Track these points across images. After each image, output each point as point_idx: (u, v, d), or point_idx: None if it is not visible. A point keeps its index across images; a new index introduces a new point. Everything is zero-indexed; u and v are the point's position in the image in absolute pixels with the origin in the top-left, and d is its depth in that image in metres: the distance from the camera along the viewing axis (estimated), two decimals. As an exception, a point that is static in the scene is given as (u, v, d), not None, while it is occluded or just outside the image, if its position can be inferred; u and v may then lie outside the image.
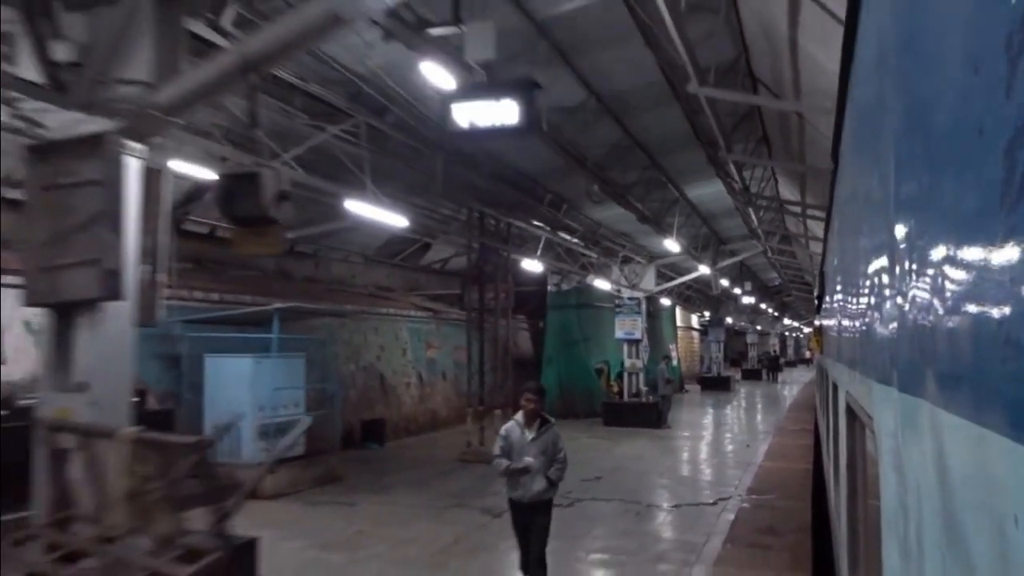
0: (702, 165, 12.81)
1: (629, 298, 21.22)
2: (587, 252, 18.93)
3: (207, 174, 9.36)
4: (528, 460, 6.18)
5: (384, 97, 8.56)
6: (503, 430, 6.49)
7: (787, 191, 15.36)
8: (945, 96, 0.84)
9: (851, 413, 2.88)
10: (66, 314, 5.41)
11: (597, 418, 21.22)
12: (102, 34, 5.26)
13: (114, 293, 5.22)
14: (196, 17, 5.77)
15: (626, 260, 21.15)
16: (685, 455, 17.32)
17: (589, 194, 12.32)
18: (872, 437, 1.89)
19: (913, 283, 1.04)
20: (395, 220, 10.51)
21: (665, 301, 28.30)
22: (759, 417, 25.69)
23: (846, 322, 3.12)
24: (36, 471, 5.33)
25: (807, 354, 64.16)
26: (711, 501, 11.26)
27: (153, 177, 5.63)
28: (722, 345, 39.27)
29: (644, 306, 21.58)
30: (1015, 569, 0.59)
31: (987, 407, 0.66)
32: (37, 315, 10.54)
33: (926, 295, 0.94)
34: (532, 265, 18.77)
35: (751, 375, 46.33)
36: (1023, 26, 0.55)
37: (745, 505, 10.90)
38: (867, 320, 1.93)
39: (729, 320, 42.12)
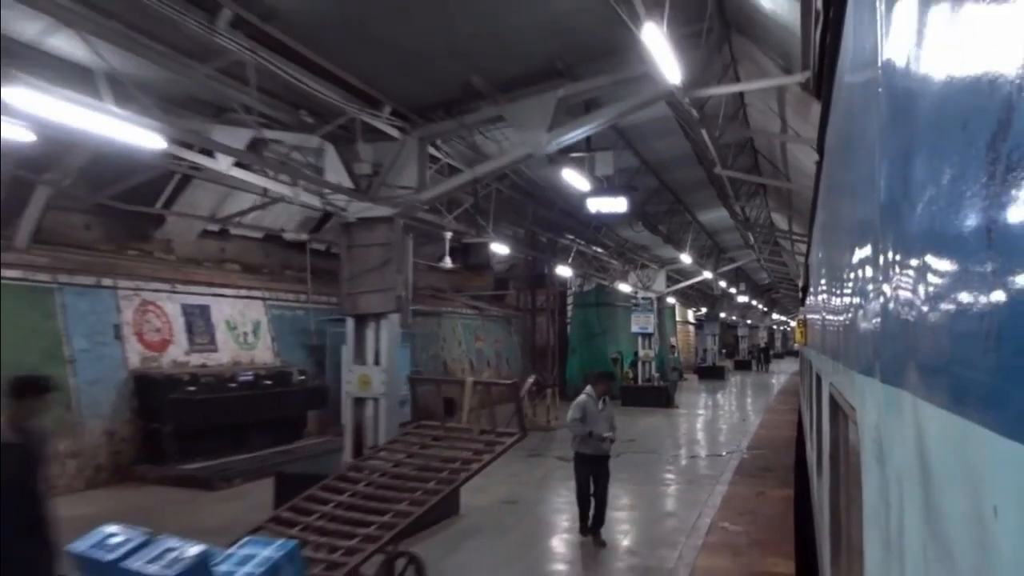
0: (713, 200, 16.74)
1: (643, 298, 25.15)
2: (612, 261, 22.87)
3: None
4: (607, 433, 8.42)
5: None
6: (579, 403, 8.55)
7: (778, 219, 19.35)
8: (929, 88, 0.83)
9: (834, 404, 2.85)
10: (362, 321, 9.27)
11: (615, 400, 25.14)
12: (385, 158, 9.08)
13: (397, 308, 9.08)
14: (439, 149, 9.64)
15: (642, 266, 25.09)
16: (696, 426, 21.30)
17: (631, 224, 16.22)
18: (855, 428, 1.84)
19: (896, 275, 1.04)
20: (503, 249, 14.41)
21: (669, 299, 32.26)
22: (750, 400, 29.74)
23: (830, 313, 3.06)
24: (346, 414, 9.23)
25: (795, 346, 68.11)
26: (722, 453, 15.23)
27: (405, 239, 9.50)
28: (717, 338, 43.28)
29: (656, 305, 25.54)
30: (994, 559, 0.58)
31: (969, 399, 0.66)
32: (235, 317, 14.43)
33: (909, 287, 0.94)
34: (564, 271, 22.66)
35: (742, 365, 50.31)
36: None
37: (746, 455, 14.85)
38: (851, 312, 1.89)
39: (722, 315, 46.19)
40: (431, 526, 8.53)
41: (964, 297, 0.67)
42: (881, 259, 1.18)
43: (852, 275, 1.81)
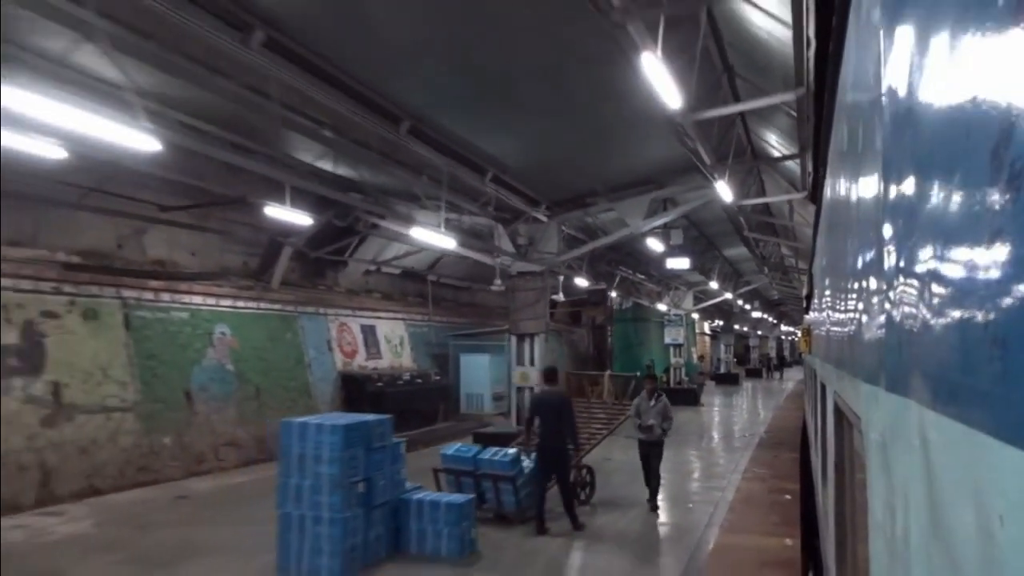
0: (737, 242, 21.86)
1: (675, 314, 30.27)
2: (653, 286, 28.02)
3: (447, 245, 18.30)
4: (651, 422, 10.41)
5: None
6: (635, 402, 10.92)
7: (786, 252, 24.47)
8: (933, 96, 0.83)
9: (839, 413, 2.83)
10: (522, 338, 14.43)
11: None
12: (535, 234, 14.24)
13: (544, 330, 14.23)
14: (568, 224, 14.84)
15: (675, 288, 30.23)
16: (722, 419, 26.37)
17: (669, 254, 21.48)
18: (860, 436, 1.83)
19: (901, 283, 1.03)
20: (583, 282, 19.60)
21: (693, 315, 37.35)
22: (761, 401, 34.72)
23: (835, 322, 3.05)
24: (525, 408, 14.36)
25: (802, 356, 73.09)
26: (745, 435, 20.30)
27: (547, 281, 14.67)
28: (731, 348, 48.29)
29: (685, 320, 30.66)
30: (1000, 568, 0.58)
31: (975, 407, 0.65)
32: (389, 333, 19.59)
33: (914, 295, 0.93)
34: (612, 293, 27.79)
35: (753, 373, 55.26)
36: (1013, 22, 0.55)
37: (765, 436, 19.91)
38: (856, 320, 1.88)
39: (736, 326, 51.23)
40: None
41: (969, 305, 0.66)
42: (886, 267, 1.17)
43: (856, 284, 1.78)
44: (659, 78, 6.43)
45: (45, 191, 11.65)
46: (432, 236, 12.08)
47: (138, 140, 6.14)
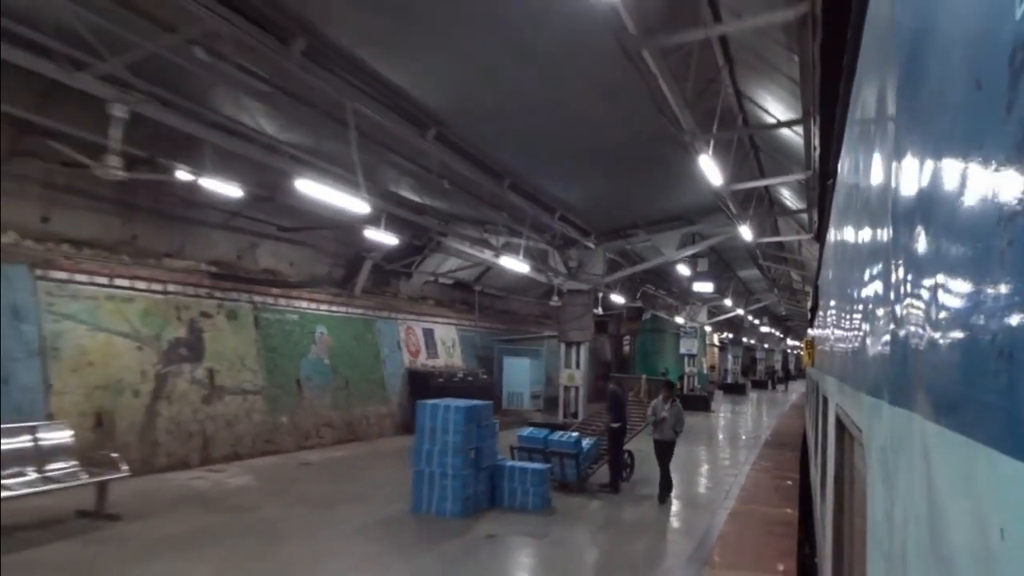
0: (751, 265, 24.60)
1: (690, 327, 32.99)
2: (671, 300, 30.77)
3: (522, 270, 21.08)
4: (663, 415, 11.97)
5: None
6: (653, 404, 12.52)
7: (794, 275, 27.21)
8: (942, 110, 0.84)
9: (840, 425, 2.84)
10: (569, 345, 17.22)
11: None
12: (584, 257, 16.99)
13: (590, 339, 16.99)
14: (610, 251, 17.65)
15: (691, 303, 32.99)
16: (731, 423, 29.09)
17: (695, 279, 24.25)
18: (861, 449, 1.83)
19: (906, 297, 1.04)
20: (620, 299, 22.42)
21: (706, 327, 40.05)
22: (766, 410, 37.40)
23: (838, 335, 3.07)
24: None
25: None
26: (753, 438, 23.03)
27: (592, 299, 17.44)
28: (739, 360, 50.93)
29: (699, 332, 33.38)
30: None
31: (979, 420, 0.65)
32: (444, 336, 22.44)
33: (918, 309, 0.94)
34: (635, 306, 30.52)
35: (758, 384, 57.91)
36: None
37: (770, 438, 22.61)
38: (859, 333, 1.88)
39: (744, 339, 53.89)
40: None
41: (975, 319, 0.66)
42: (891, 280, 1.18)
43: (861, 297, 1.78)
44: (709, 169, 9.24)
45: (196, 213, 14.46)
46: (513, 262, 14.90)
47: (358, 205, 9.01)
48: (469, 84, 8.86)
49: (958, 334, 0.73)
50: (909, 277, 1.01)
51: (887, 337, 1.23)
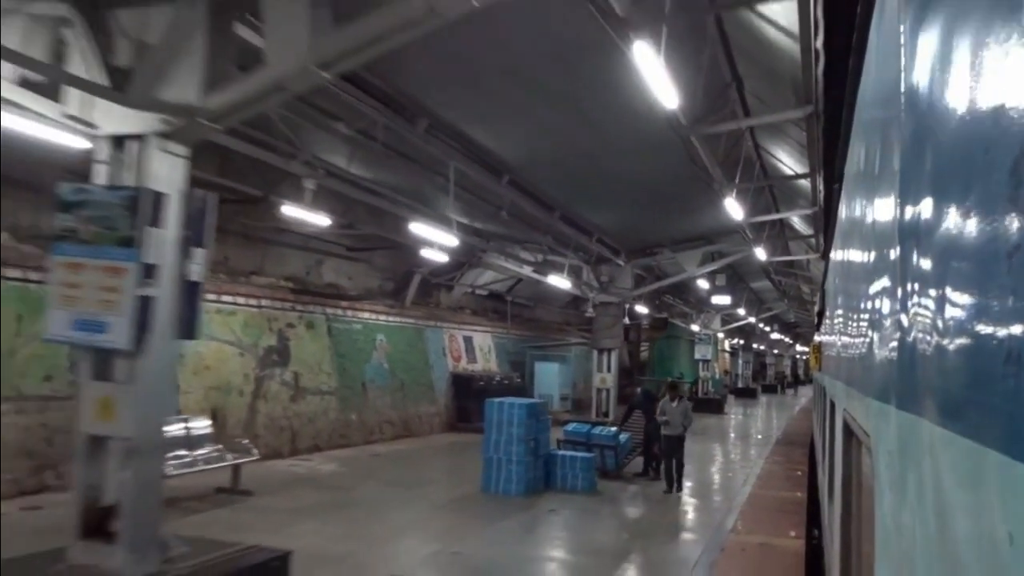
0: (763, 277, 26.58)
1: (704, 334, 34.96)
2: (687, 309, 32.79)
3: (564, 286, 23.13)
4: (671, 419, 13.16)
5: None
6: (661, 404, 13.48)
7: (803, 287, 29.20)
8: (949, 114, 0.84)
9: (848, 430, 2.84)
10: (601, 351, 19.25)
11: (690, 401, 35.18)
12: (614, 273, 19.05)
13: (621, 346, 18.99)
14: (637, 267, 19.75)
15: (705, 311, 34.97)
16: (744, 424, 31.03)
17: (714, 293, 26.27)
18: (869, 454, 1.84)
19: (913, 300, 1.03)
20: (644, 310, 24.42)
21: (719, 334, 42.03)
22: (776, 413, 39.30)
23: (846, 339, 3.07)
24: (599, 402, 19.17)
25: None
26: (765, 437, 24.97)
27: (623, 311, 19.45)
28: (750, 364, 52.80)
29: (713, 339, 35.34)
30: None
31: (988, 424, 0.65)
32: (481, 343, 24.56)
33: (927, 312, 0.93)
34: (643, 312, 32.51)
35: (768, 389, 59.71)
36: None
37: (781, 437, 24.56)
38: (867, 337, 1.89)
39: (754, 345, 55.76)
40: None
41: (984, 322, 0.66)
42: (899, 283, 1.17)
43: (869, 300, 1.78)
44: (732, 207, 11.28)
45: (272, 235, 16.56)
46: (557, 279, 16.98)
47: (449, 239, 11.18)
48: (537, 141, 10.93)
49: (966, 338, 0.73)
50: (916, 280, 1.01)
51: (894, 341, 1.23)
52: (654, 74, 5.90)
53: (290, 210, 12.74)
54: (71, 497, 5.74)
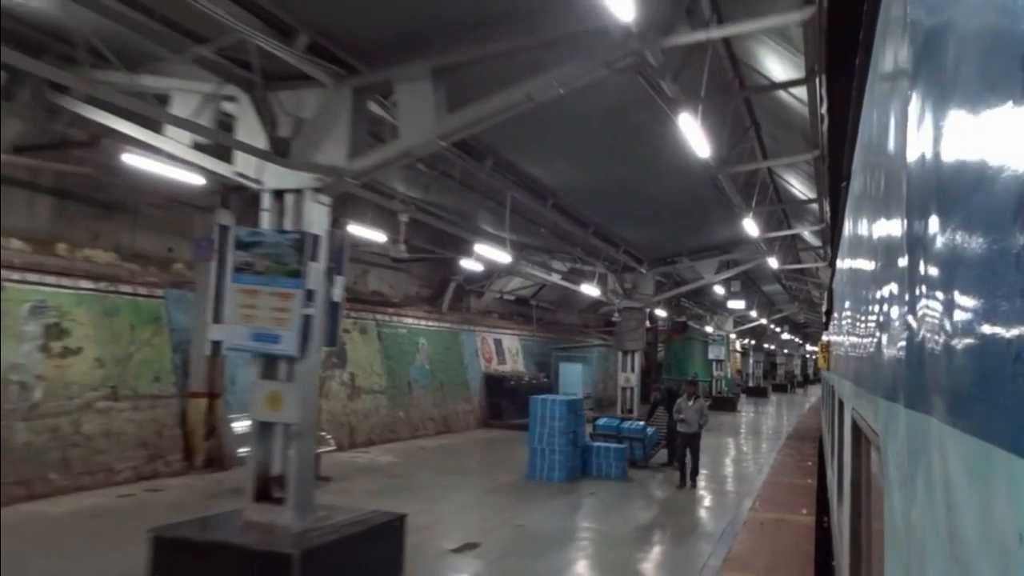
0: (774, 282, 28.09)
1: (718, 335, 36.48)
2: (702, 311, 34.31)
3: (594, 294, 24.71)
4: (687, 416, 14.10)
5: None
6: (678, 402, 14.52)
7: (813, 291, 30.71)
8: (955, 114, 0.84)
9: (856, 430, 2.83)
10: (626, 352, 20.83)
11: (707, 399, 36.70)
12: (637, 280, 20.64)
13: (643, 348, 20.57)
14: (658, 274, 21.34)
15: (719, 313, 36.49)
16: (757, 421, 32.55)
17: (729, 298, 27.82)
18: (878, 453, 1.84)
19: (922, 300, 1.03)
20: (663, 313, 26.00)
21: (731, 335, 43.53)
22: (786, 411, 40.77)
23: (854, 339, 3.06)
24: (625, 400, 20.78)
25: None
26: (777, 433, 26.49)
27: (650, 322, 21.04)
28: (761, 364, 54.24)
29: (725, 339, 36.86)
30: None
31: (997, 424, 0.65)
32: (509, 345, 26.19)
33: (935, 312, 0.93)
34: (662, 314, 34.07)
35: (778, 388, 61.10)
36: None
37: (792, 432, 26.07)
38: (875, 337, 1.89)
39: (765, 345, 57.18)
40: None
41: (992, 322, 0.66)
42: (907, 282, 1.17)
43: (877, 299, 1.79)
44: (750, 226, 12.87)
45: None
46: (589, 288, 18.63)
47: (504, 256, 12.80)
48: (580, 172, 12.56)
49: (975, 337, 0.73)
50: (925, 279, 1.00)
51: (903, 340, 1.23)
52: (693, 135, 7.49)
53: (355, 229, 14.38)
54: (244, 471, 7.38)
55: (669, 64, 6.90)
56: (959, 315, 0.81)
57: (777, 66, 9.01)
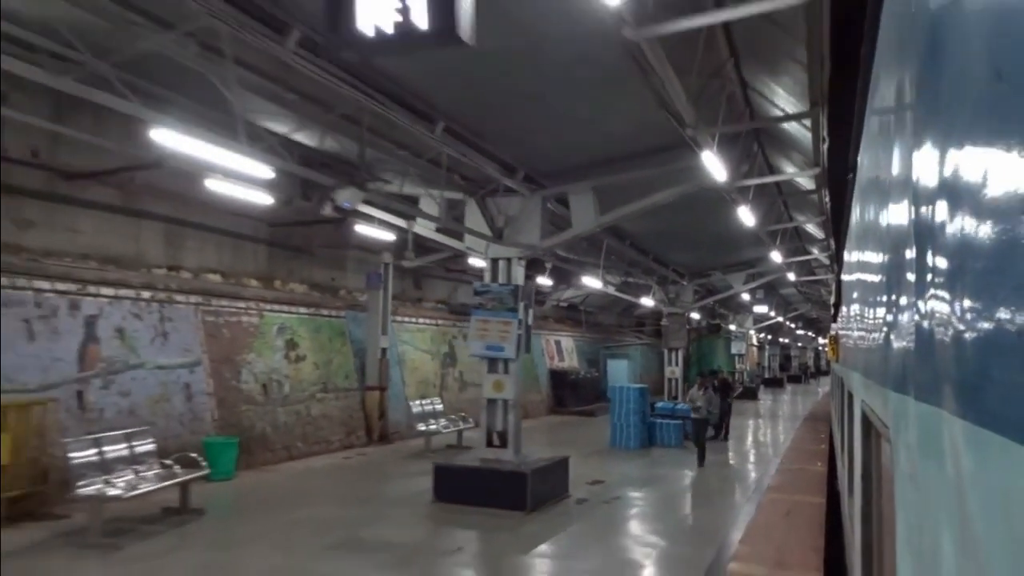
0: (789, 285, 32.63)
1: (739, 332, 41.07)
2: (726, 311, 38.91)
3: (648, 304, 29.33)
4: (700, 404, 19.19)
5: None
6: (690, 393, 19.63)
7: (824, 292, 35.22)
8: (964, 103, 0.84)
9: (866, 422, 2.83)
10: (671, 350, 25.49)
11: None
12: (679, 290, 25.21)
13: (685, 346, 25.19)
14: (695, 285, 25.99)
15: (740, 312, 41.11)
16: (776, 408, 37.13)
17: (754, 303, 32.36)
18: (888, 446, 1.84)
19: (931, 291, 1.03)
20: (696, 315, 30.65)
21: (751, 331, 48.06)
22: (801, 399, 45.29)
23: (863, 331, 3.06)
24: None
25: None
26: (793, 416, 31.07)
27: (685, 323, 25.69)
28: (778, 357, 58.76)
29: (746, 336, 41.43)
30: None
31: (1006, 416, 0.65)
32: (566, 346, 30.87)
33: (944, 303, 0.93)
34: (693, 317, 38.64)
35: (793, 379, 65.40)
36: None
37: (807, 416, 30.62)
38: (884, 329, 1.88)
39: (780, 339, 61.65)
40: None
41: (1002, 314, 0.66)
42: (916, 275, 1.17)
43: (886, 292, 1.78)
44: (776, 256, 17.51)
45: (429, 270, 22.89)
46: (647, 300, 23.27)
47: (597, 283, 17.55)
48: (655, 222, 17.32)
49: (985, 328, 0.73)
50: (934, 270, 1.00)
51: (912, 332, 1.22)
52: (714, 166, 11.82)
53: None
54: (480, 429, 12.10)
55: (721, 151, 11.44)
56: (969, 308, 0.80)
57: (781, 99, 13.62)
